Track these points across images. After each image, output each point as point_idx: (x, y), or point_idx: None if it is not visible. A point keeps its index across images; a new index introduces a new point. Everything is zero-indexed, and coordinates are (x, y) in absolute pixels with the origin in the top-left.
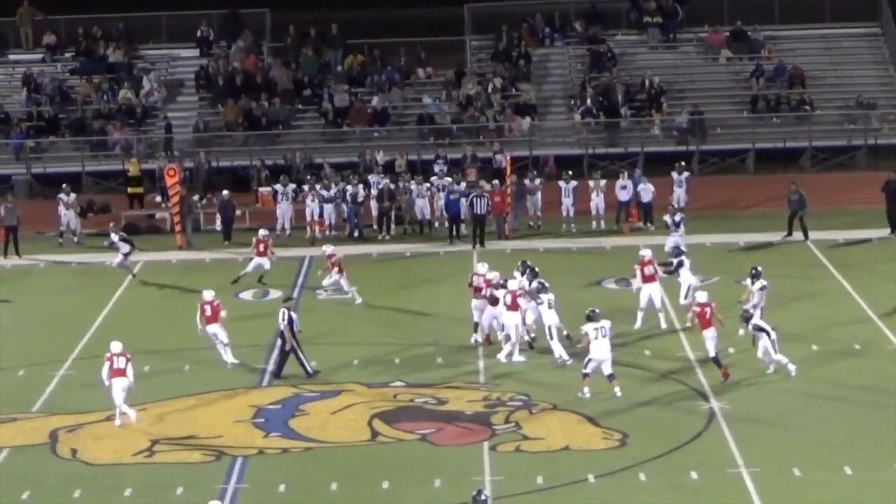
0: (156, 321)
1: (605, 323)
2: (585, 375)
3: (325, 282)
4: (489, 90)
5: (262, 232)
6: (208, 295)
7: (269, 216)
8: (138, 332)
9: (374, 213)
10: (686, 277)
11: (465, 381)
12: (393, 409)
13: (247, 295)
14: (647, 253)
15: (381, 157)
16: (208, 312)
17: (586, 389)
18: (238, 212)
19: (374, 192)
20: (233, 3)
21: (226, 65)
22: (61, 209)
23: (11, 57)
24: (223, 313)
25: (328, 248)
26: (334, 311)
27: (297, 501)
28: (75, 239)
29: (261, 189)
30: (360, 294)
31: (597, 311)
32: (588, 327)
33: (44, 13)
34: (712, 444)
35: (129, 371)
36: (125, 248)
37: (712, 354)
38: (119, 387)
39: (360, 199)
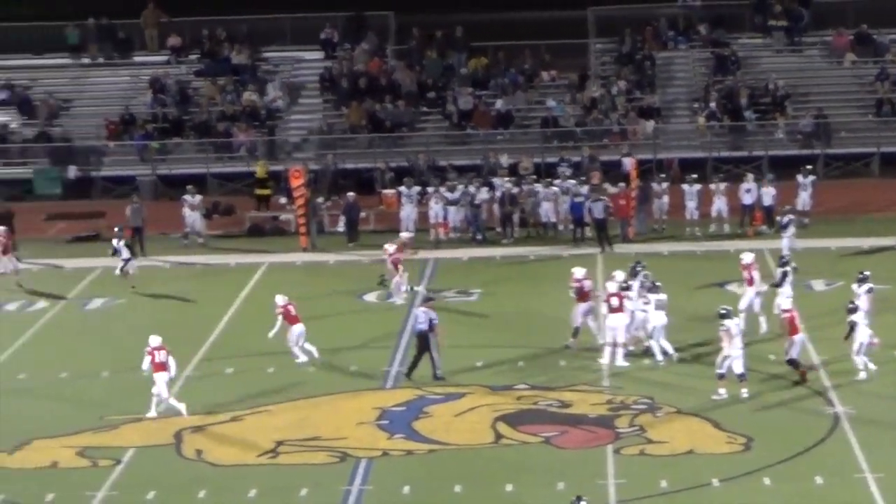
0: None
1: (737, 321)
2: (721, 376)
3: (401, 284)
4: (613, 93)
5: (403, 235)
6: (281, 300)
7: (393, 218)
8: (263, 334)
9: (498, 215)
10: (785, 290)
11: (588, 383)
12: (517, 411)
13: (371, 297)
14: (747, 257)
15: (504, 160)
16: (293, 312)
17: (722, 391)
18: (363, 214)
19: (497, 194)
20: (357, 5)
21: (350, 67)
22: (186, 210)
23: (137, 59)
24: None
25: (390, 247)
26: (458, 313)
27: (421, 503)
28: (200, 240)
29: (385, 191)
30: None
31: (729, 308)
32: (730, 323)
33: (168, 15)
34: (836, 449)
35: (172, 364)
36: (125, 254)
37: (793, 357)
38: (161, 380)
39: (483, 202)
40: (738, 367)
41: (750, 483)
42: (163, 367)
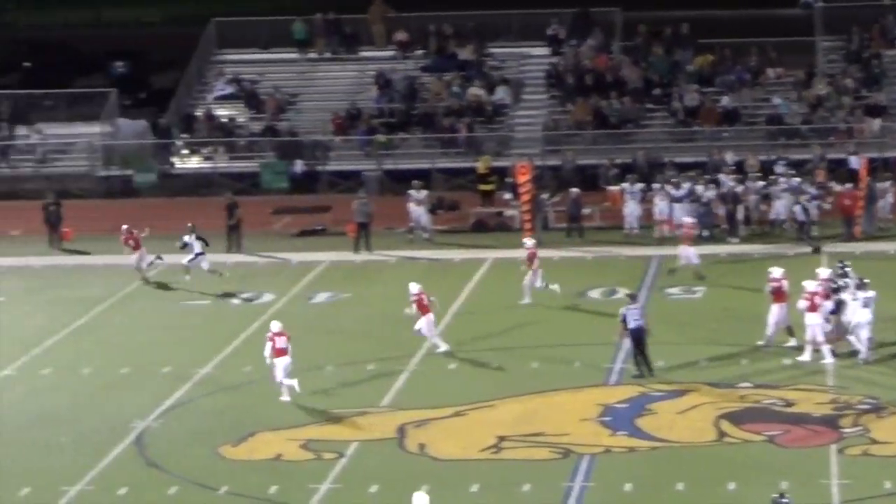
0: (504, 318)
1: None
2: None
3: (537, 283)
4: (840, 91)
5: (687, 220)
6: (415, 288)
7: (617, 215)
8: (488, 328)
9: (722, 213)
10: None
11: (812, 382)
12: (740, 409)
13: (595, 293)
14: None
15: (729, 158)
16: (426, 301)
17: None
18: (587, 210)
19: (722, 192)
20: (584, 1)
21: (576, 63)
22: (411, 205)
23: (363, 54)
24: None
25: (529, 242)
26: (683, 310)
27: (643, 501)
28: (425, 235)
29: (609, 187)
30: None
31: None
32: None
33: (395, 11)
34: None
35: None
36: (197, 248)
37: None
38: (281, 365)
39: (710, 200)
40: None
41: None
42: (283, 352)
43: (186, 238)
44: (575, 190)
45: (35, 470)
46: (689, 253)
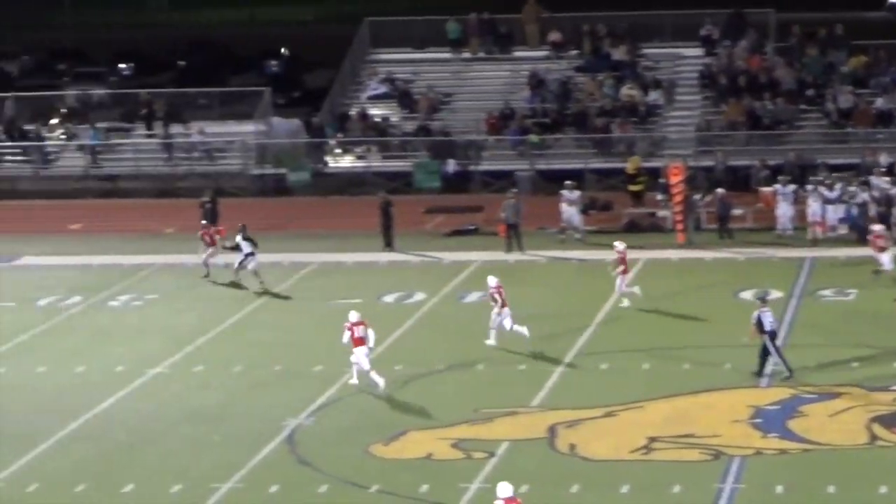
0: (654, 319)
1: None
2: None
3: (623, 288)
4: None
5: (876, 227)
6: (493, 281)
7: (770, 216)
8: (637, 330)
9: (874, 214)
10: None
11: None
12: (892, 412)
13: (747, 294)
14: None
15: (883, 159)
16: (503, 295)
17: None
18: (739, 211)
19: (874, 194)
20: (738, 2)
21: (729, 64)
22: (563, 206)
23: (516, 54)
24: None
25: (620, 245)
26: (833, 311)
27: (794, 503)
28: (577, 236)
29: (762, 189)
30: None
31: None
32: None
33: (549, 11)
34: None
35: (370, 337)
36: (247, 248)
37: None
38: (361, 353)
39: (862, 202)
40: None
41: None
42: (361, 341)
43: (238, 238)
44: (720, 190)
45: (186, 467)
46: (884, 258)
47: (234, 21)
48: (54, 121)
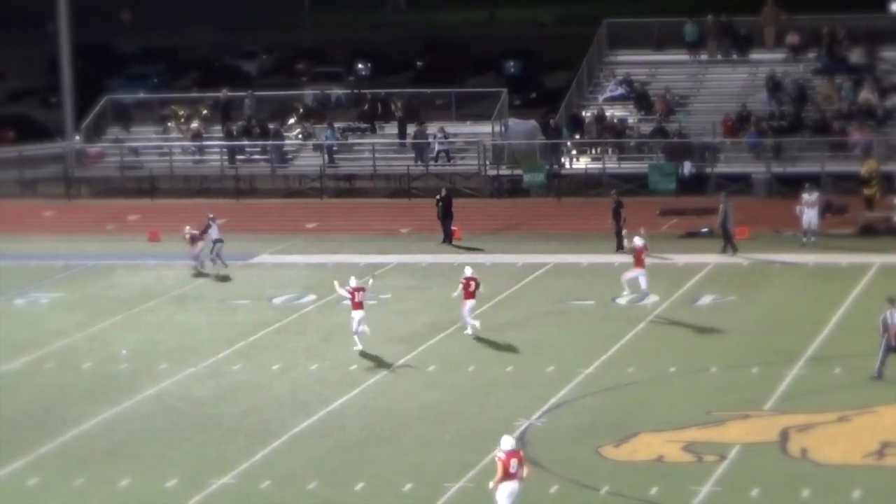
0: None
1: None
2: None
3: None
4: None
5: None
6: (469, 271)
7: None
8: (871, 335)
9: None
10: None
11: None
12: None
13: None
14: None
15: None
16: (471, 288)
17: None
18: None
19: None
20: None
21: None
22: (803, 209)
23: (753, 56)
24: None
25: (638, 241)
26: None
27: None
28: (812, 239)
29: None
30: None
31: None
32: None
33: (788, 13)
34: None
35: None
36: (215, 234)
37: None
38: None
39: None
40: None
41: None
42: (360, 305)
43: (210, 226)
44: None
45: (417, 466)
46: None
47: (472, 22)
48: (291, 120)
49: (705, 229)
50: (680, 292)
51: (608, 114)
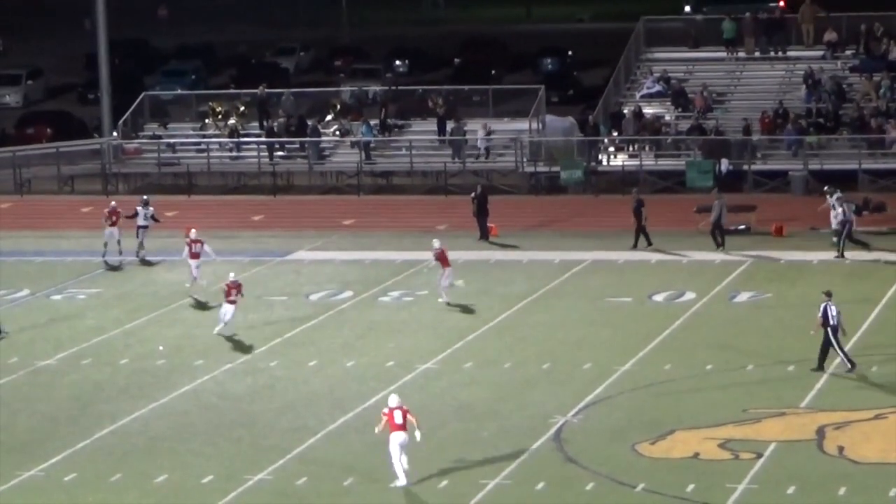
0: None
1: None
2: None
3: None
4: None
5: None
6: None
7: None
8: None
9: None
10: None
11: None
12: None
13: None
14: None
15: None
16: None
17: None
18: None
19: None
20: None
21: None
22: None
23: (791, 53)
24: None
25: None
26: None
27: None
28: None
29: None
30: None
31: None
32: None
33: (826, 10)
34: None
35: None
36: (142, 219)
37: None
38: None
39: None
40: None
41: None
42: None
43: (139, 209)
44: None
45: (454, 463)
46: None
47: (510, 18)
48: (329, 117)
49: (742, 226)
50: (717, 289)
51: (645, 111)
